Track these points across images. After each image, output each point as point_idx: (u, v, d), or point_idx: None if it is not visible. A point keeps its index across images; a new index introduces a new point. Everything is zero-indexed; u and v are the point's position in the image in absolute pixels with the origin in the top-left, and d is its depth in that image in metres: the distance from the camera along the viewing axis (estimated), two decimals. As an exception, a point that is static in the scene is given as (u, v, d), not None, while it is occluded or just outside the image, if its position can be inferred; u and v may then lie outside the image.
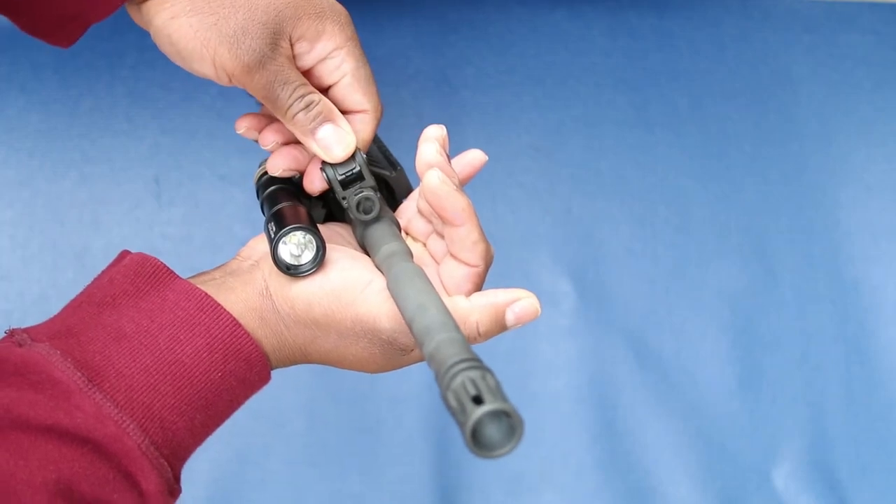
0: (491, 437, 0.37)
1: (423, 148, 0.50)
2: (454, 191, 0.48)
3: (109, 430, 0.44)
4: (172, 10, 0.50)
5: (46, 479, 0.42)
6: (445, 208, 0.49)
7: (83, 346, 0.46)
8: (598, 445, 0.91)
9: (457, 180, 0.50)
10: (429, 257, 0.53)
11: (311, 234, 0.49)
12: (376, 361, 0.50)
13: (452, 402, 0.37)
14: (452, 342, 0.40)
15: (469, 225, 0.49)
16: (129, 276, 0.49)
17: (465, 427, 0.36)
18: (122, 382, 0.45)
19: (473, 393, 0.37)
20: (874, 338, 0.96)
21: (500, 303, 0.48)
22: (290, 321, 0.50)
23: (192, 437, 0.48)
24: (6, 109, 0.93)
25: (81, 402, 0.44)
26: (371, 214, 0.52)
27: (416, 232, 0.55)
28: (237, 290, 0.50)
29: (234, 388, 0.48)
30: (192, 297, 0.48)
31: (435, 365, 0.40)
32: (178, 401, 0.46)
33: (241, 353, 0.48)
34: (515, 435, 0.37)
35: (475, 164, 0.55)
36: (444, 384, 0.38)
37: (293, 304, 0.49)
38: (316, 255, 0.49)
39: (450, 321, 0.42)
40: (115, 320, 0.47)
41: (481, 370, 0.38)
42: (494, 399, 0.36)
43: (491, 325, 0.48)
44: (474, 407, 0.36)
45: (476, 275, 0.50)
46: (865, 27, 1.06)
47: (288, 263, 0.49)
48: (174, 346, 0.47)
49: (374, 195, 0.52)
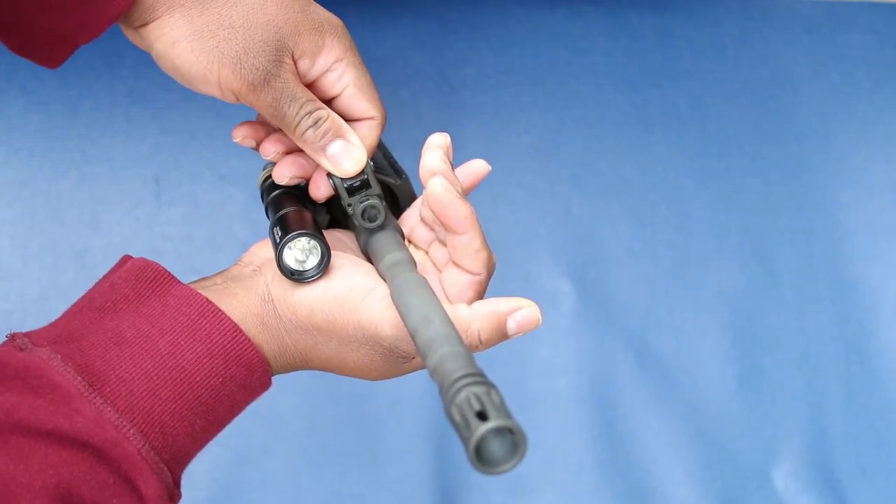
0: (494, 452, 0.37)
1: (427, 156, 0.50)
2: (457, 199, 0.49)
3: (109, 435, 0.44)
4: (172, 36, 0.50)
5: (46, 483, 0.42)
6: (448, 216, 0.49)
7: (84, 350, 0.46)
8: (598, 445, 0.91)
9: (460, 188, 0.50)
10: (431, 265, 0.53)
11: (316, 240, 0.49)
12: (377, 369, 0.50)
13: (457, 416, 0.37)
14: (457, 356, 0.40)
15: (472, 233, 0.49)
16: (131, 280, 0.49)
17: (469, 443, 0.36)
18: (122, 387, 0.45)
19: (478, 408, 0.37)
20: (874, 338, 0.96)
21: (502, 311, 0.48)
22: (292, 327, 0.49)
23: (193, 442, 0.48)
24: (6, 109, 0.93)
25: (82, 407, 0.44)
26: (376, 222, 0.52)
27: (418, 240, 0.55)
28: (238, 295, 0.50)
29: (234, 394, 0.48)
30: (193, 303, 0.48)
31: (438, 378, 0.40)
32: (178, 406, 0.46)
33: (241, 359, 0.48)
34: (518, 451, 0.37)
35: (478, 174, 0.55)
36: (448, 398, 0.38)
37: (295, 309, 0.49)
38: (321, 261, 0.49)
39: (454, 334, 0.42)
40: (116, 325, 0.47)
41: (486, 386, 0.38)
42: (499, 416, 0.36)
43: (492, 333, 0.48)
44: (479, 423, 0.36)
45: (478, 283, 0.50)
46: (865, 27, 1.06)
47: (292, 269, 0.49)
48: (175, 351, 0.47)
49: (380, 203, 0.52)
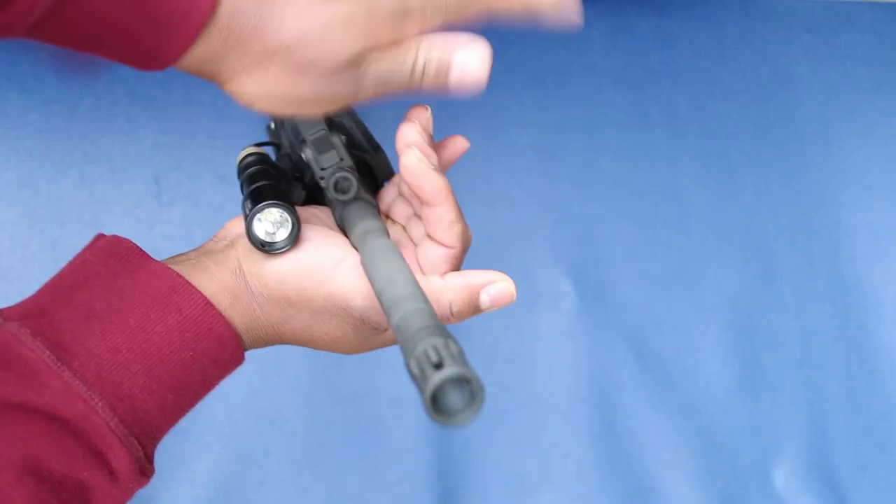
0: (452, 404, 0.37)
1: (404, 128, 0.50)
2: (431, 170, 0.49)
3: (78, 408, 0.44)
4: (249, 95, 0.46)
5: (14, 455, 0.42)
6: (423, 188, 0.49)
7: (54, 325, 0.46)
8: (598, 445, 0.91)
9: (436, 161, 0.50)
10: (408, 240, 0.53)
11: (286, 211, 0.48)
12: (349, 341, 0.50)
13: (414, 369, 0.37)
14: (419, 312, 0.40)
15: (446, 206, 0.49)
16: (102, 257, 0.49)
17: (425, 393, 0.36)
18: (91, 361, 0.45)
19: (435, 360, 0.37)
20: (874, 338, 0.96)
21: (474, 284, 0.48)
22: (263, 300, 0.49)
23: (164, 417, 0.47)
24: (6, 109, 0.93)
25: (50, 380, 0.44)
26: (349, 195, 0.52)
27: (396, 215, 0.55)
28: (210, 269, 0.49)
29: (206, 368, 0.48)
30: (163, 277, 0.48)
31: (401, 336, 0.40)
32: (148, 379, 0.46)
33: (212, 333, 0.48)
34: (476, 401, 0.37)
35: (457, 150, 0.55)
36: (407, 352, 0.38)
37: (266, 282, 0.49)
38: (291, 232, 0.48)
39: (418, 292, 0.42)
40: (87, 300, 0.47)
41: (444, 337, 0.38)
42: (455, 365, 0.36)
43: (464, 305, 0.48)
44: (434, 372, 0.36)
45: (453, 256, 0.50)
46: (865, 27, 1.06)
47: (262, 240, 0.48)
48: (145, 325, 0.46)
49: (352, 175, 0.52)
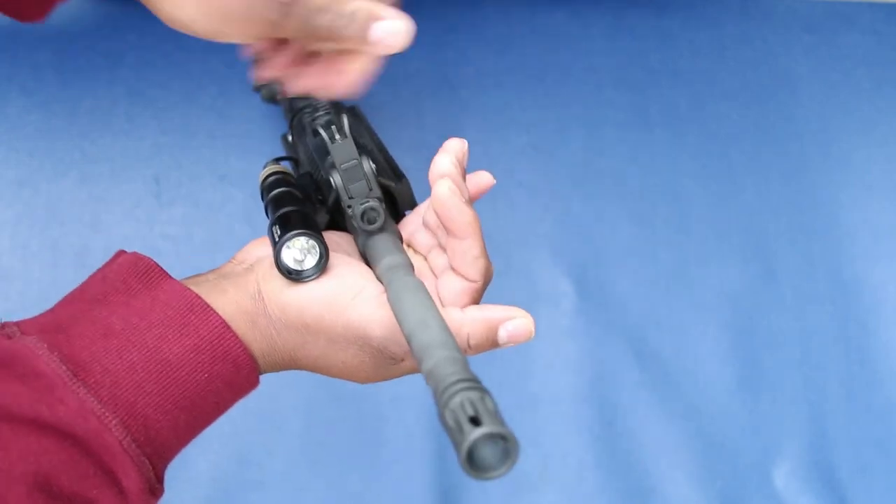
0: (486, 458, 0.37)
1: (439, 159, 0.50)
2: (462, 203, 0.48)
3: (91, 426, 0.44)
4: None
5: (26, 470, 0.42)
6: (453, 219, 0.48)
7: (71, 340, 0.46)
8: (598, 445, 0.91)
9: (467, 194, 0.50)
10: (429, 271, 0.53)
11: (315, 239, 0.48)
12: (365, 370, 0.50)
13: (450, 421, 0.37)
14: (453, 361, 0.40)
15: (472, 239, 0.49)
16: (122, 274, 0.49)
17: (462, 448, 0.36)
18: (106, 378, 0.45)
19: (471, 414, 0.37)
20: (874, 338, 0.96)
21: (493, 318, 0.48)
22: (281, 326, 0.49)
23: (176, 438, 0.47)
24: (6, 109, 0.93)
25: (65, 396, 0.44)
26: (375, 225, 0.52)
27: (418, 245, 0.55)
28: (229, 292, 0.49)
29: (220, 391, 0.48)
30: (182, 298, 0.48)
31: (433, 382, 0.40)
32: (162, 400, 0.46)
33: (228, 356, 0.48)
34: (510, 458, 0.37)
35: (482, 186, 0.55)
36: (441, 402, 0.38)
37: (285, 308, 0.49)
38: (319, 261, 0.49)
39: (450, 339, 0.42)
40: (105, 317, 0.47)
41: (480, 391, 0.38)
42: (492, 422, 0.36)
43: (482, 339, 0.48)
44: (472, 428, 0.36)
45: (474, 290, 0.50)
46: (865, 27, 1.06)
47: (290, 268, 0.48)
48: (161, 345, 0.46)
49: (380, 206, 0.52)
